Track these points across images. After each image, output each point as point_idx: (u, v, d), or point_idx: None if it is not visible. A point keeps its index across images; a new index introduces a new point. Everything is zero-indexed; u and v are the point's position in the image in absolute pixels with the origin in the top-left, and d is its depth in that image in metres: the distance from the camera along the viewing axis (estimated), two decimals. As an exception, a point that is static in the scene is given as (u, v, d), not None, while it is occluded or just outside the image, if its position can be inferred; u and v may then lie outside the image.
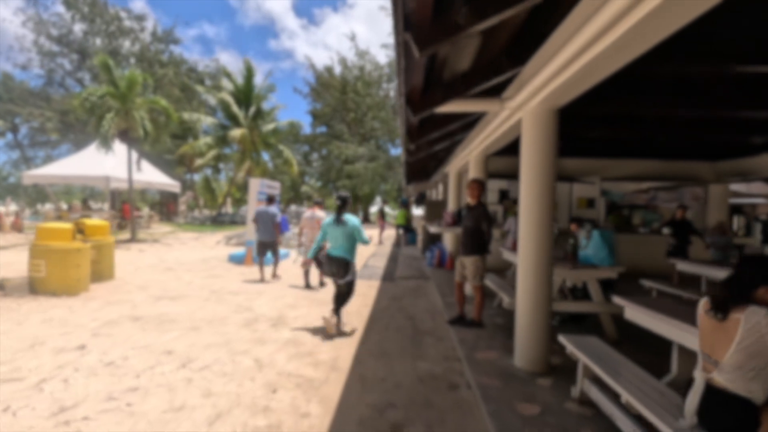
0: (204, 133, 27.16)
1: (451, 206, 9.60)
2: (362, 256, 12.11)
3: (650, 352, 3.86)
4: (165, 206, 26.28)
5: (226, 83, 24.45)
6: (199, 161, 26.17)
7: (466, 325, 4.77)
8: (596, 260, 4.28)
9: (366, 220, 38.84)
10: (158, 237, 14.74)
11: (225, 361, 3.65)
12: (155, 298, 5.83)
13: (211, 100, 23.98)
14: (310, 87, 36.74)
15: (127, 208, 16.89)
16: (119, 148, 14.31)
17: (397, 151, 36.90)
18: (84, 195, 32.69)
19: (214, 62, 24.14)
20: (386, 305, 6.11)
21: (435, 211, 11.63)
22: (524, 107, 3.69)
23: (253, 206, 9.59)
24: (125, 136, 12.16)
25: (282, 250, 10.91)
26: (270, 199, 7.81)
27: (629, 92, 4.27)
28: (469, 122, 5.81)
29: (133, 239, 12.94)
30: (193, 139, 25.88)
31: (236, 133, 21.06)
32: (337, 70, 35.35)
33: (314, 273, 7.83)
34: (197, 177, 36.02)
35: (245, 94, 24.02)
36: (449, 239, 9.54)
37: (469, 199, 4.66)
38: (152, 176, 17.46)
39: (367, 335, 4.60)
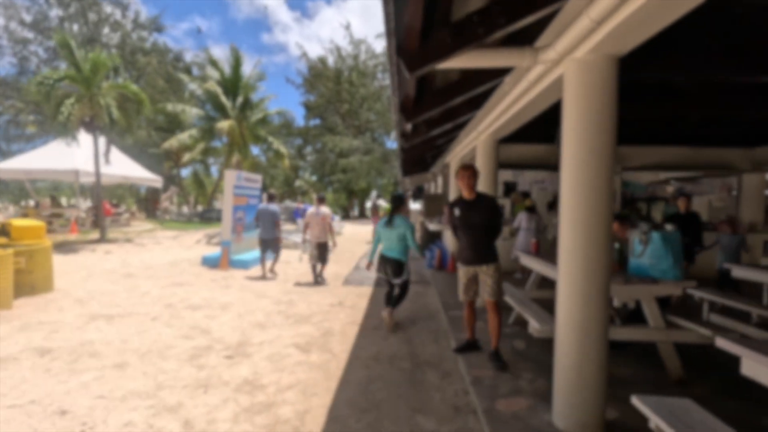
0: (193, 126, 25.93)
1: (453, 198, 8.50)
2: (354, 255, 11.01)
3: (742, 400, 2.79)
4: (151, 202, 25.06)
5: (212, 72, 23.16)
6: (186, 156, 24.97)
7: (477, 351, 3.75)
8: (656, 272, 3.19)
9: (362, 215, 37.74)
10: (133, 236, 13.58)
11: (137, 430, 2.53)
12: (89, 318, 4.70)
13: (199, 90, 22.64)
14: (303, 78, 35.46)
15: (103, 205, 15.68)
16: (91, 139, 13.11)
17: (393, 144, 35.75)
18: (72, 190, 31.40)
19: (205, 52, 22.70)
20: (378, 323, 5.02)
21: (434, 206, 10.53)
22: (569, 57, 2.57)
23: (229, 201, 8.45)
24: (91, 125, 10.93)
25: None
26: (271, 197, 7.64)
27: (667, 52, 3.20)
28: (477, 97, 4.69)
29: (102, 239, 11.77)
30: (181, 132, 24.66)
31: (223, 124, 19.82)
32: (331, 60, 34.06)
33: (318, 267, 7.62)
34: (188, 172, 34.84)
35: (233, 84, 22.75)
36: (449, 238, 8.45)
37: (463, 192, 3.57)
38: (129, 170, 16.26)
39: (351, 371, 3.51)
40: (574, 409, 2.53)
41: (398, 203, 4.91)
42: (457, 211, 3.54)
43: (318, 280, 7.24)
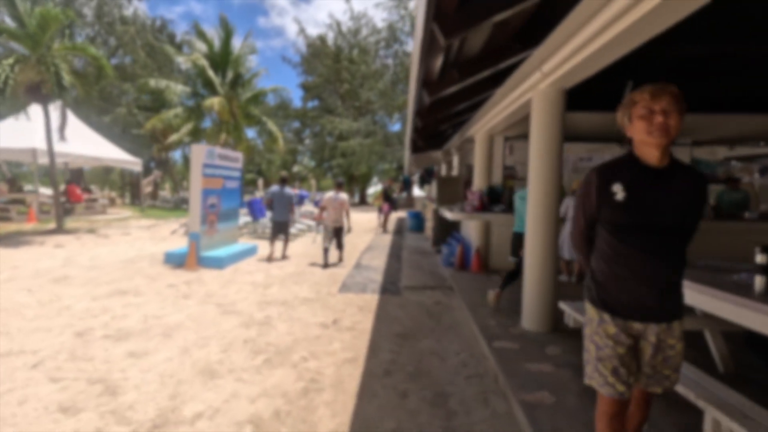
0: (181, 105, 23.99)
1: (478, 182, 6.80)
2: (354, 248, 9.35)
3: None
4: (136, 187, 23.32)
5: (200, 45, 21.17)
6: (173, 137, 23.14)
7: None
8: None
9: (363, 202, 36.00)
10: (100, 226, 11.89)
11: None
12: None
13: (186, 64, 20.71)
14: (301, 57, 33.33)
15: (72, 190, 13.98)
16: (55, 115, 11.32)
17: (395, 127, 33.81)
18: (32, 172, 29.58)
19: (195, 29, 20.64)
20: (389, 359, 3.37)
21: (449, 190, 8.81)
22: None
23: (197, 183, 6.75)
24: (37, 93, 9.13)
25: (246, 245, 8.14)
26: (284, 180, 7.72)
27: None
28: (533, 29, 2.98)
29: (59, 229, 10.09)
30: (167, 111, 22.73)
31: (212, 101, 17.95)
32: (331, 36, 31.88)
33: (335, 253, 7.91)
34: (179, 156, 33.03)
35: (222, 58, 20.78)
36: (474, 229, 6.77)
37: (646, 151, 1.54)
38: (103, 151, 14.50)
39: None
40: None
41: None
42: (619, 193, 1.54)
43: (327, 264, 7.21)
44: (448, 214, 6.56)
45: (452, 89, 4.78)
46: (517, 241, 4.74)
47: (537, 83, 3.77)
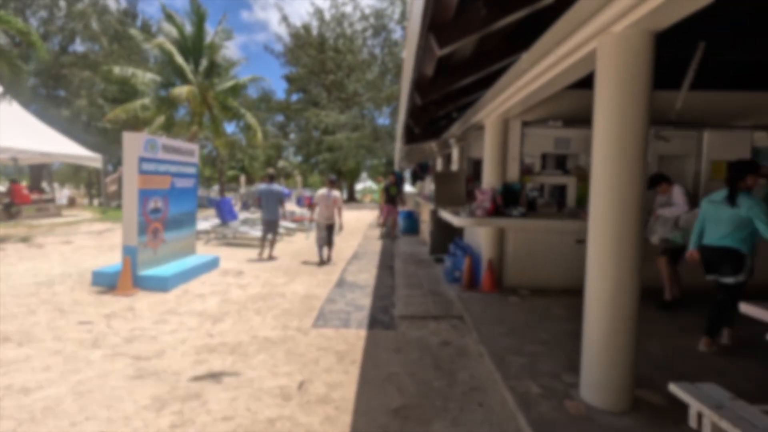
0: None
1: (489, 179, 5.45)
2: (341, 256, 7.94)
3: None
4: (105, 186, 21.48)
5: (170, 29, 19.39)
6: (145, 131, 21.31)
7: None
8: None
9: (351, 198, 34.53)
10: (41, 232, 10.25)
11: None
12: None
13: (153, 50, 18.96)
14: (284, 47, 31.55)
15: (17, 189, 12.28)
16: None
17: (384, 121, 32.33)
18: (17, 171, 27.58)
19: (163, 11, 18.79)
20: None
21: (450, 188, 7.44)
22: None
23: (133, 183, 5.26)
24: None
25: (205, 256, 6.69)
26: (272, 177, 7.72)
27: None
28: None
29: (-17, 238, 8.49)
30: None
31: (181, 90, 16.28)
32: (315, 24, 30.17)
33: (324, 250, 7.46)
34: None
35: (195, 44, 19.07)
36: (485, 237, 5.43)
37: None
38: (54, 146, 12.79)
39: None
40: None
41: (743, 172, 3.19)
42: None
43: (323, 261, 7.26)
44: (454, 219, 5.20)
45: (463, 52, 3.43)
46: (714, 256, 3.32)
47: (608, 25, 2.41)
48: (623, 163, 2.44)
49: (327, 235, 7.19)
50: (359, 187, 40.66)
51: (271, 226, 7.45)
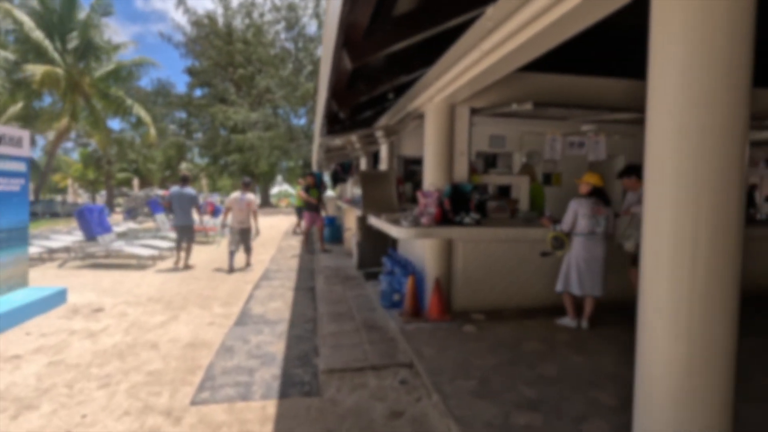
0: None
1: (431, 179, 4.41)
2: (246, 279, 6.37)
3: None
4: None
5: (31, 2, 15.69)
6: (-4, 123, 17.03)
7: None
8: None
9: (266, 203, 31.98)
10: None
11: None
12: None
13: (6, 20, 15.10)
14: (185, 37, 28.09)
15: None
16: None
17: (300, 121, 30.50)
18: None
19: None
20: None
21: (379, 191, 6.30)
22: None
23: None
24: None
25: (43, 289, 4.71)
26: (184, 180, 7.11)
27: None
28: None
29: None
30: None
31: (34, 69, 13.02)
32: (220, 12, 27.34)
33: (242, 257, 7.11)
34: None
35: (62, 17, 15.65)
36: (430, 251, 4.37)
37: None
38: None
39: None
40: None
41: None
42: None
43: (233, 269, 6.84)
44: (393, 230, 4.06)
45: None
46: None
47: None
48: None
49: (242, 239, 6.89)
50: (275, 191, 38.13)
51: (185, 232, 6.92)
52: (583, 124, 4.80)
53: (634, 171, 4.01)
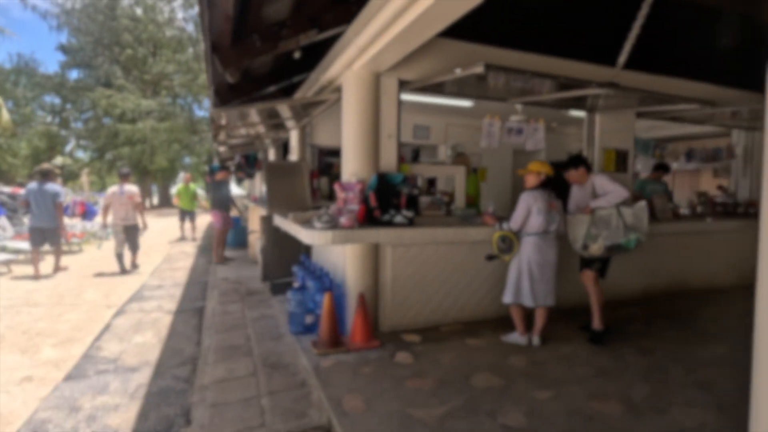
0: None
1: (352, 168, 3.48)
2: (109, 302, 4.82)
3: None
4: None
5: None
6: None
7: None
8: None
9: (165, 204, 28.29)
10: None
11: None
12: None
13: None
14: (59, 9, 23.51)
15: None
16: None
17: (205, 114, 27.49)
18: None
19: None
20: None
21: (290, 186, 5.18)
22: None
23: None
24: None
25: None
26: (44, 174, 6.12)
27: None
28: None
29: None
30: None
31: None
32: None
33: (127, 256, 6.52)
34: None
35: None
36: (351, 256, 3.44)
37: None
38: None
39: None
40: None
41: None
42: None
43: (125, 270, 6.37)
44: (304, 234, 3.06)
45: None
46: None
47: None
48: None
49: (128, 237, 6.38)
50: (174, 189, 34.16)
51: (46, 235, 6.10)
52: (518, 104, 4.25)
53: (582, 162, 3.50)
